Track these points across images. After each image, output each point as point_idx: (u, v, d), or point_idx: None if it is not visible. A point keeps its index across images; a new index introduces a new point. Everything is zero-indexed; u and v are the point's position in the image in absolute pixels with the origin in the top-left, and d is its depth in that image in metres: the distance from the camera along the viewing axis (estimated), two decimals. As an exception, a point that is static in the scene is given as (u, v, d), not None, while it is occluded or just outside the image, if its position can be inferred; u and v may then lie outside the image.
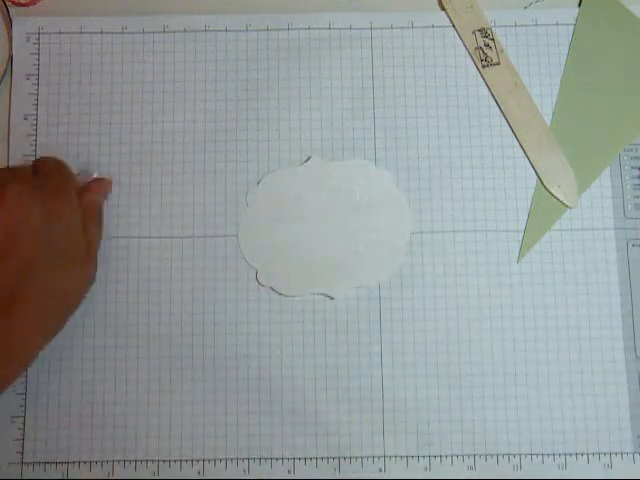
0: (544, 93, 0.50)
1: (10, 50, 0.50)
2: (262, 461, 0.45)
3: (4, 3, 0.50)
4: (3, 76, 0.50)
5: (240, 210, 0.49)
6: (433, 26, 0.51)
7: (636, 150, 0.49)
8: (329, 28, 0.51)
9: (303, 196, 0.48)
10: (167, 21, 0.51)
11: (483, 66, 0.50)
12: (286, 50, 0.50)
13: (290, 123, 0.50)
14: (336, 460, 0.46)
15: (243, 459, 0.46)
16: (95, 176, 0.48)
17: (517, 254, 0.48)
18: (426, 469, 0.45)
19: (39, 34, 0.50)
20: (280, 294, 0.47)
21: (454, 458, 0.46)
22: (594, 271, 0.48)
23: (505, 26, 0.51)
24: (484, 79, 0.50)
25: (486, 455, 0.46)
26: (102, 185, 0.48)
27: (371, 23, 0.51)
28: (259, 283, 0.47)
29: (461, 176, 0.49)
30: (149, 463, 0.45)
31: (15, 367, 0.42)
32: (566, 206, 0.48)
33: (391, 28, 0.51)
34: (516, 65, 0.50)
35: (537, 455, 0.46)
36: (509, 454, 0.46)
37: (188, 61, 0.50)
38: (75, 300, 0.44)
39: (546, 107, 0.50)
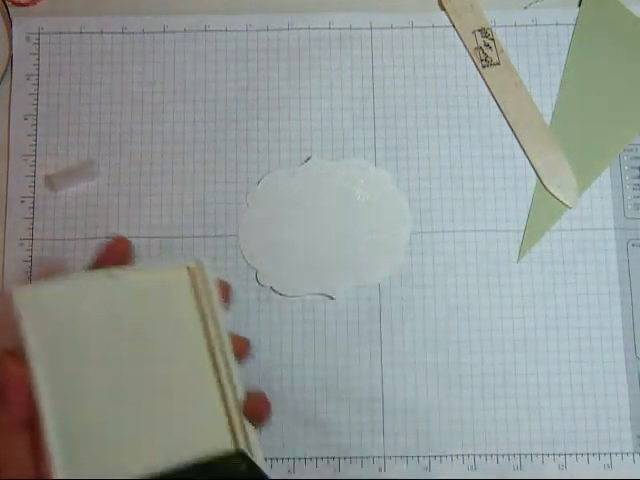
0: (544, 93, 0.50)
1: (10, 50, 0.50)
2: (262, 461, 0.45)
3: (4, 3, 0.50)
4: (3, 76, 0.50)
5: (240, 210, 0.49)
6: (433, 26, 0.51)
7: (636, 150, 0.49)
8: (329, 28, 0.51)
9: (303, 196, 0.48)
10: (167, 21, 0.51)
11: (483, 66, 0.50)
12: (286, 50, 0.50)
13: (290, 123, 0.50)
14: (336, 460, 0.46)
15: (243, 459, 0.46)
16: None
17: (517, 254, 0.48)
18: (426, 469, 0.45)
19: (39, 34, 0.50)
20: (280, 294, 0.47)
21: (454, 458, 0.46)
22: (594, 271, 0.48)
23: (505, 26, 0.51)
24: (484, 79, 0.50)
25: (486, 455, 0.46)
26: None
27: (371, 23, 0.51)
28: (259, 283, 0.47)
29: (461, 176, 0.49)
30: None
31: None
32: (566, 206, 0.48)
33: (391, 28, 0.51)
34: (516, 65, 0.50)
35: (537, 455, 0.46)
36: (509, 454, 0.46)
37: (188, 61, 0.50)
38: None
39: (546, 107, 0.50)
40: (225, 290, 0.34)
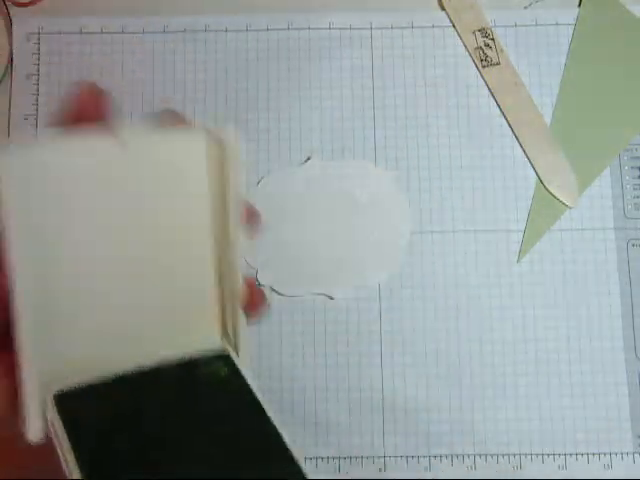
0: (544, 93, 0.50)
1: (10, 50, 0.50)
2: (262, 461, 0.45)
3: (4, 3, 0.50)
4: (3, 76, 0.50)
5: (240, 210, 0.49)
6: (433, 26, 0.51)
7: (636, 150, 0.49)
8: (329, 28, 0.51)
9: (303, 196, 0.48)
10: (167, 21, 0.51)
11: (483, 66, 0.50)
12: (286, 50, 0.50)
13: (290, 123, 0.50)
14: (336, 460, 0.46)
15: (243, 459, 0.45)
16: None
17: (517, 254, 0.48)
18: (426, 469, 0.45)
19: (39, 34, 0.50)
20: (280, 294, 0.47)
21: (454, 458, 0.46)
22: (594, 271, 0.48)
23: (505, 26, 0.51)
24: (484, 79, 0.50)
25: (486, 455, 0.46)
26: None
27: (371, 23, 0.51)
28: (259, 283, 0.47)
29: (461, 176, 0.49)
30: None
31: None
32: (566, 206, 0.48)
33: (391, 28, 0.51)
34: (516, 65, 0.50)
35: (537, 455, 0.46)
36: (509, 454, 0.46)
37: (188, 61, 0.50)
38: None
39: (546, 107, 0.50)
40: (252, 215, 0.29)
